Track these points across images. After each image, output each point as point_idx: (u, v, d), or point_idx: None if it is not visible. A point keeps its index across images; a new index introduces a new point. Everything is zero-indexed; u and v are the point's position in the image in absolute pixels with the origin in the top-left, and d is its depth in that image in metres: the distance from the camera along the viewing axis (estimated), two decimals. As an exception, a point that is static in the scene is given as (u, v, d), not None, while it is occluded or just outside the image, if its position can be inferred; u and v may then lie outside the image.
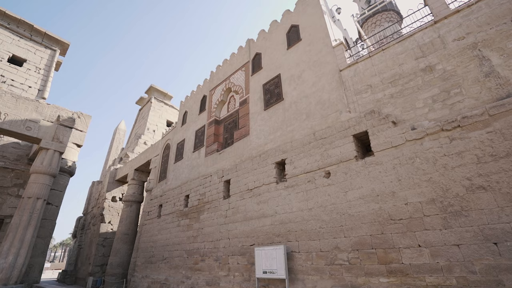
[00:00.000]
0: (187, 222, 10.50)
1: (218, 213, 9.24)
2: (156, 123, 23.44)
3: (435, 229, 4.60)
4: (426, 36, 6.13)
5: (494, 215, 4.14)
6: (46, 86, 15.80)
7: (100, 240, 16.44)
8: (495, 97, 4.83)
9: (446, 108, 5.33)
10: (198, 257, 9.23)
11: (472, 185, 4.45)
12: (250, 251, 7.55)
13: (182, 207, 11.16)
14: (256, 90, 10.27)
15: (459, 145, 4.79)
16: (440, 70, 5.66)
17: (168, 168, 13.73)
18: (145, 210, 14.18)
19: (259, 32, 11.55)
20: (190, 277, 9.21)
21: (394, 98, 6.16)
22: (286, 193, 7.30)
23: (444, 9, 6.11)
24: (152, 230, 12.45)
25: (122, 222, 15.73)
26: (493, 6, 5.42)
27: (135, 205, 16.35)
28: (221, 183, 9.75)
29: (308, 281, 6.00)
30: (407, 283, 4.64)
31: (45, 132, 9.91)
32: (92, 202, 20.33)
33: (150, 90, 24.75)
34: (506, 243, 3.95)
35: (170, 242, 10.89)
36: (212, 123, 11.98)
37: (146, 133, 22.08)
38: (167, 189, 12.80)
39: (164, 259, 10.81)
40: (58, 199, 12.38)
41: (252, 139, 9.37)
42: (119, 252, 14.72)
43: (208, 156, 11.17)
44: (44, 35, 16.52)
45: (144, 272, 11.65)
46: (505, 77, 4.84)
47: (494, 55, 5.08)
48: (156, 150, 15.86)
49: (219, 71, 13.22)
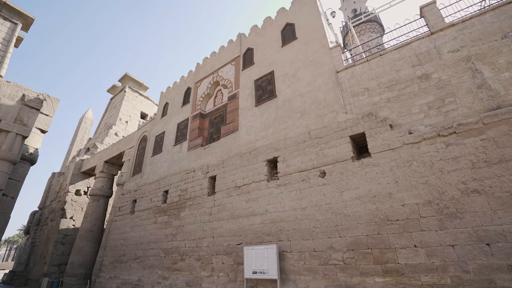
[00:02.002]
0: (165, 219, 9.87)
1: (201, 210, 8.80)
2: (129, 114, 22.03)
3: (431, 230, 4.75)
4: (423, 46, 6.40)
5: (487, 218, 4.37)
6: (3, 63, 13.94)
7: (59, 237, 14.91)
8: (487, 108, 5.15)
9: (441, 115, 5.58)
10: (178, 256, 8.70)
11: (467, 188, 4.67)
12: (237, 251, 7.26)
13: (160, 203, 10.49)
14: (247, 85, 10.01)
15: (454, 150, 5.02)
16: (435, 79, 5.92)
17: (145, 162, 12.87)
18: (115, 206, 13.13)
19: (252, 27, 11.32)
20: (167, 278, 8.65)
21: (391, 102, 6.33)
22: (278, 191, 7.15)
23: (440, 21, 6.43)
24: (124, 227, 11.54)
25: (86, 217, 14.43)
26: (485, 23, 5.80)
27: (102, 200, 15.11)
28: (206, 179, 9.33)
29: (300, 281, 5.89)
30: (403, 283, 4.73)
31: (5, 112, 8.61)
32: (51, 195, 18.42)
33: (124, 78, 23.22)
34: (498, 244, 4.19)
35: (145, 240, 10.16)
36: (196, 116, 11.47)
37: (118, 124, 20.61)
38: (143, 184, 11.97)
39: (137, 258, 10.05)
40: (15, 190, 10.89)
41: (242, 135, 9.10)
42: (82, 251, 13.46)
43: (192, 150, 10.65)
44: (3, 4, 14.61)
45: (113, 272, 10.74)
46: (496, 90, 5.19)
47: (486, 69, 5.43)
48: (131, 141, 14.82)
49: (206, 63, 12.72)
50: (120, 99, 22.46)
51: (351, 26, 9.17)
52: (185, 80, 13.49)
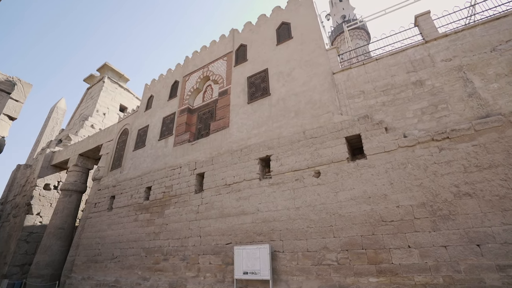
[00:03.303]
0: (147, 216, 9.37)
1: (188, 208, 8.45)
2: (108, 106, 20.86)
3: (425, 231, 4.88)
4: (417, 53, 6.61)
5: (478, 220, 4.56)
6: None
7: (23, 235, 13.67)
8: (477, 116, 5.41)
9: (434, 120, 5.78)
10: (160, 256, 8.28)
11: (459, 191, 4.86)
12: (226, 250, 7.04)
13: (142, 199, 9.95)
14: (239, 82, 9.82)
15: (447, 154, 5.21)
16: (429, 86, 6.13)
17: (125, 156, 12.18)
18: (90, 202, 12.28)
19: (245, 24, 11.15)
20: (148, 278, 8.19)
21: (386, 106, 6.47)
22: (271, 190, 7.04)
23: (434, 31, 6.69)
24: (100, 225, 10.82)
25: (56, 214, 13.38)
26: (476, 36, 6.11)
27: (75, 195, 14.10)
28: (193, 176, 8.99)
29: (292, 281, 5.81)
30: (396, 282, 4.81)
31: (-32, 94, 7.65)
32: (15, 189, 16.89)
33: (103, 68, 21.95)
34: (487, 245, 4.38)
35: (123, 239, 9.57)
36: (184, 111, 11.05)
37: (94, 116, 19.42)
38: (123, 179, 11.31)
39: (115, 258, 9.44)
40: (-26, 181, 9.78)
41: (232, 132, 8.89)
42: (49, 250, 12.44)
43: (178, 146, 10.23)
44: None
45: (86, 273, 10.01)
46: (485, 99, 5.46)
47: (477, 79, 5.71)
48: (110, 134, 13.99)
49: (196, 57, 12.33)
50: (98, 89, 21.19)
51: (346, 29, 9.35)
52: (173, 73, 12.99)
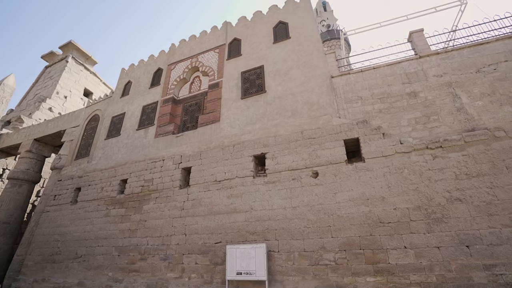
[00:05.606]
0: (122, 212, 8.53)
1: (171, 204, 7.89)
2: (70, 89, 18.78)
3: (420, 232, 5.16)
4: (411, 67, 7.06)
5: (467, 223, 4.96)
6: None
7: (-45, 229, 11.50)
8: (464, 129, 5.92)
9: (426, 130, 6.19)
10: (137, 255, 7.57)
11: (451, 197, 5.25)
12: (215, 250, 6.69)
13: (115, 193, 9.04)
14: (232, 76, 9.52)
15: (440, 162, 5.61)
16: (422, 98, 6.57)
17: (95, 144, 11.01)
18: (47, 193, 10.83)
19: (239, 18, 10.91)
20: (121, 280, 7.43)
21: (382, 113, 6.77)
22: (266, 189, 6.89)
23: (426, 48, 7.21)
24: (61, 220, 9.56)
25: (1, 206, 11.57)
26: (463, 57, 6.73)
27: (26, 186, 12.34)
28: (178, 170, 8.43)
29: (288, 282, 5.71)
30: (393, 282, 5.00)
31: None
32: None
33: (67, 46, 19.73)
34: (475, 246, 4.78)
35: (91, 236, 8.58)
36: (168, 101, 10.37)
37: (54, 98, 17.32)
38: (92, 170, 10.18)
39: (79, 257, 8.40)
40: None
41: (224, 127, 8.56)
42: (-10, 247, 10.66)
43: (160, 137, 9.54)
44: None
45: (40, 275, 8.74)
46: (471, 114, 6.01)
47: (464, 95, 6.27)
48: (76, 119, 12.55)
49: (183, 45, 11.69)
50: (59, 69, 18.95)
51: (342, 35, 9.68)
52: (156, 60, 12.14)
